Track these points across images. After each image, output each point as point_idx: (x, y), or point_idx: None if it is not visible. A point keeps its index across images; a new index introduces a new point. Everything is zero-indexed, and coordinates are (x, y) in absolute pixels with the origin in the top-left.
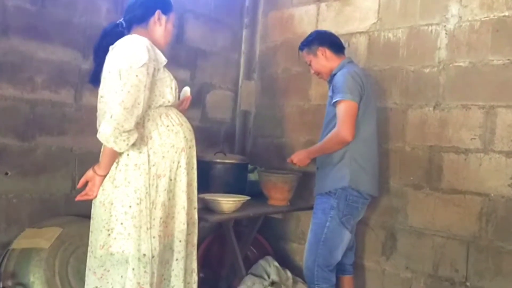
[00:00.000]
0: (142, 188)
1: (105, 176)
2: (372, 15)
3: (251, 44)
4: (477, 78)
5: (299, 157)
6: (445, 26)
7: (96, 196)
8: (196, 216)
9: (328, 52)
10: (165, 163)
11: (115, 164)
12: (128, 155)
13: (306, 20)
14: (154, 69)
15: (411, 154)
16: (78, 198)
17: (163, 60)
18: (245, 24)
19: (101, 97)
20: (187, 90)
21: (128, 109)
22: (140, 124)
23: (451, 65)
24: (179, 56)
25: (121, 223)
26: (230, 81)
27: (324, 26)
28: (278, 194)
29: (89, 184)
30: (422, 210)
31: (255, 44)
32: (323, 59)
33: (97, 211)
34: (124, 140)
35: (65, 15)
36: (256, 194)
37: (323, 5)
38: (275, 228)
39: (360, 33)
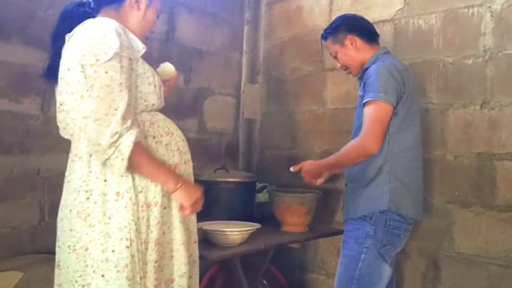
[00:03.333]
0: (130, 225)
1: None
2: None
3: (254, 42)
4: None
5: (308, 172)
6: (490, 7)
7: None
8: (197, 252)
9: (358, 41)
10: (155, 187)
11: (85, 194)
12: (105, 180)
13: (318, 11)
14: (130, 59)
15: (454, 164)
16: None
17: (140, 47)
18: (246, 20)
19: (60, 104)
20: (169, 67)
21: (100, 120)
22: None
23: (500, 53)
24: (171, 56)
25: (102, 275)
26: (230, 85)
27: None
28: (294, 218)
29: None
30: (472, 232)
31: (259, 42)
32: (353, 50)
33: (66, 259)
34: (116, 157)
35: (27, 7)
36: (267, 218)
37: None
38: (289, 256)
39: (384, 21)
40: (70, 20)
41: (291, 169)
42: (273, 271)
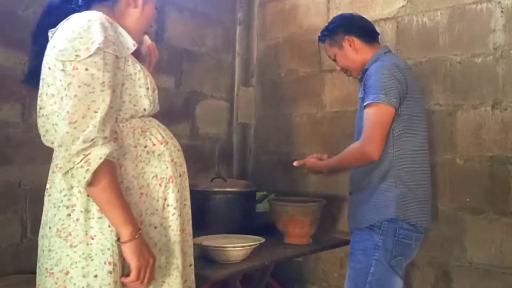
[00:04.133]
0: (114, 247)
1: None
2: None
3: (247, 43)
4: None
5: (311, 165)
6: (499, 2)
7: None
8: (193, 277)
9: (357, 42)
10: (144, 204)
11: (65, 210)
12: (88, 195)
13: (314, 10)
14: (117, 57)
15: (464, 169)
16: None
17: (130, 44)
18: (238, 20)
19: (40, 108)
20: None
21: (76, 124)
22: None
23: (511, 51)
24: (160, 58)
25: None
26: (223, 88)
27: None
28: (297, 229)
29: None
30: (485, 241)
31: (252, 43)
32: (352, 52)
33: (44, 283)
34: (82, 167)
35: (5, 5)
36: (267, 229)
37: None
38: (289, 268)
39: (386, 19)
40: (54, 17)
41: (295, 163)
42: (272, 284)
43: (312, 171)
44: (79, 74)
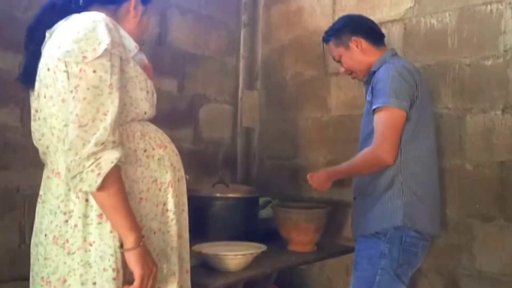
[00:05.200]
0: (117, 253)
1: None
2: None
3: (251, 46)
4: None
5: (316, 180)
6: (510, 3)
7: None
8: (189, 284)
9: (364, 43)
10: (144, 209)
11: (63, 216)
12: (87, 200)
13: (320, 12)
14: (121, 59)
15: (474, 174)
16: None
17: (132, 46)
18: (243, 22)
19: (36, 111)
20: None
21: (87, 127)
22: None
23: None
24: (163, 61)
25: None
26: (227, 91)
27: None
28: (301, 236)
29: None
30: (495, 249)
31: (257, 46)
32: (358, 53)
33: None
34: (92, 171)
35: (3, 7)
36: (271, 236)
37: None
38: (294, 275)
39: (393, 21)
40: (56, 14)
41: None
42: None
43: (320, 186)
44: (87, 76)
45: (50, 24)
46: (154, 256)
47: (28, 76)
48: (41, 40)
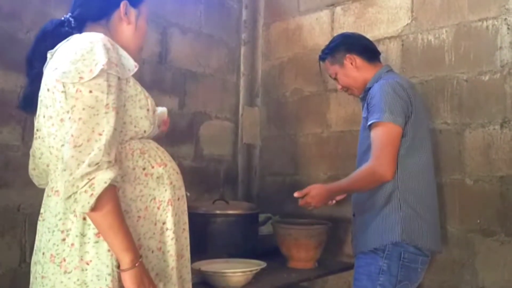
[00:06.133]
0: (114, 272)
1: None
2: (404, 14)
3: (251, 63)
4: None
5: (316, 196)
6: (505, 19)
7: None
8: None
9: (358, 60)
10: (142, 227)
11: (60, 235)
12: (84, 219)
13: (318, 30)
14: (119, 79)
15: (474, 189)
16: None
17: (132, 66)
18: (243, 40)
19: (37, 130)
20: (163, 111)
21: (81, 147)
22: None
23: None
24: (164, 79)
25: None
26: (228, 108)
27: None
28: (302, 253)
29: None
30: (497, 264)
31: (257, 63)
32: (353, 70)
33: None
34: (86, 191)
35: (6, 28)
36: (271, 253)
37: (338, 9)
38: None
39: (390, 38)
40: (50, 41)
41: (296, 194)
42: None
43: (317, 200)
44: (83, 97)
45: (48, 49)
46: (153, 275)
47: (29, 103)
48: (40, 66)
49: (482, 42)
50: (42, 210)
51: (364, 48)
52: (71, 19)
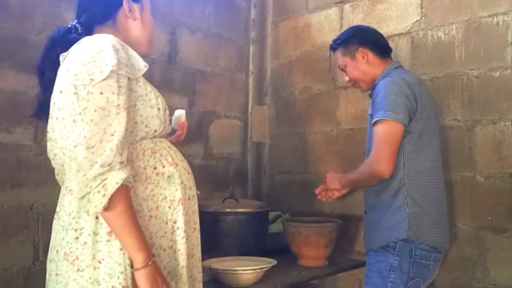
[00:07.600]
0: (127, 270)
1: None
2: (413, 11)
3: (260, 62)
4: None
5: (331, 178)
6: None
7: None
8: None
9: (370, 55)
10: (153, 226)
11: (73, 233)
12: (97, 218)
13: (327, 27)
14: (129, 79)
15: (485, 186)
16: None
17: (141, 65)
18: (252, 39)
19: (50, 132)
20: (181, 113)
21: (94, 148)
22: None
23: None
24: (173, 79)
25: None
26: (237, 107)
27: None
28: (312, 251)
29: None
30: (509, 261)
31: (266, 62)
32: (364, 64)
33: None
34: (98, 192)
35: (17, 30)
36: (281, 250)
37: (347, 6)
38: None
39: (400, 35)
40: (59, 49)
41: (317, 191)
42: None
43: (332, 181)
44: (94, 98)
45: (58, 56)
46: (165, 273)
47: (43, 110)
48: (52, 74)
49: (492, 38)
50: (57, 209)
51: (376, 43)
52: (77, 25)
